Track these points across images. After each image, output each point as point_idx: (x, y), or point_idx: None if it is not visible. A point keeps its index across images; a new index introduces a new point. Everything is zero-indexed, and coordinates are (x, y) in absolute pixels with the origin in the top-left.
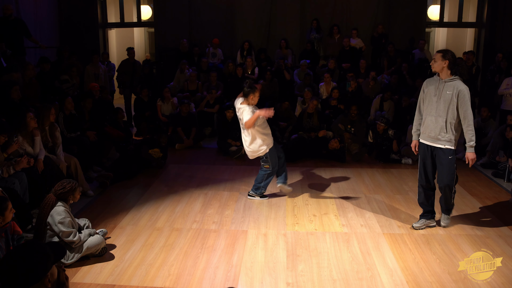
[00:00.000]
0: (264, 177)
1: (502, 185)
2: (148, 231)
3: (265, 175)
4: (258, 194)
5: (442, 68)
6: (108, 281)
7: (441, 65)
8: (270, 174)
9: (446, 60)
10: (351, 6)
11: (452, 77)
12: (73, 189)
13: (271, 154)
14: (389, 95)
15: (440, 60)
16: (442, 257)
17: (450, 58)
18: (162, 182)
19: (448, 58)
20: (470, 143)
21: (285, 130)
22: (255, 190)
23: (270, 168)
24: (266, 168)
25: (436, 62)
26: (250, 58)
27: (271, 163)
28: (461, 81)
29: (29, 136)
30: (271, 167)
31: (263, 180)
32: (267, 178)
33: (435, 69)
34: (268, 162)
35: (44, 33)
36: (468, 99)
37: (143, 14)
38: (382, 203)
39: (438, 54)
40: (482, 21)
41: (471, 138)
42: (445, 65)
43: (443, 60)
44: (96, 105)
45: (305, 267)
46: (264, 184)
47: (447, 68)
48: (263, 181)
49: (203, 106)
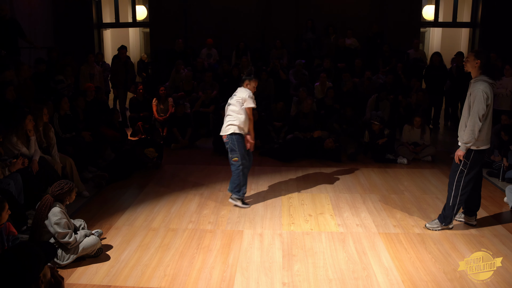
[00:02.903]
0: (238, 175)
1: (497, 184)
2: (144, 231)
3: (238, 172)
4: (240, 198)
5: (473, 68)
6: (104, 281)
7: (473, 65)
8: (243, 168)
9: (478, 60)
10: (346, 6)
11: (477, 77)
12: (70, 190)
13: (239, 142)
14: (384, 94)
15: (472, 60)
16: (438, 256)
17: (482, 58)
18: (158, 182)
19: (480, 58)
20: (463, 143)
21: (280, 130)
22: (237, 193)
23: (239, 161)
24: (235, 161)
25: (469, 62)
26: (246, 58)
27: (239, 153)
28: (483, 81)
29: (24, 136)
30: (239, 159)
31: (239, 178)
32: (242, 173)
33: (467, 69)
34: (236, 152)
35: (38, 33)
36: (478, 100)
37: (138, 14)
38: (378, 202)
39: (471, 54)
40: (476, 21)
41: (467, 140)
42: (477, 65)
43: (474, 60)
44: (91, 106)
45: (301, 267)
46: (242, 181)
47: (478, 68)
48: (239, 179)
49: (199, 106)
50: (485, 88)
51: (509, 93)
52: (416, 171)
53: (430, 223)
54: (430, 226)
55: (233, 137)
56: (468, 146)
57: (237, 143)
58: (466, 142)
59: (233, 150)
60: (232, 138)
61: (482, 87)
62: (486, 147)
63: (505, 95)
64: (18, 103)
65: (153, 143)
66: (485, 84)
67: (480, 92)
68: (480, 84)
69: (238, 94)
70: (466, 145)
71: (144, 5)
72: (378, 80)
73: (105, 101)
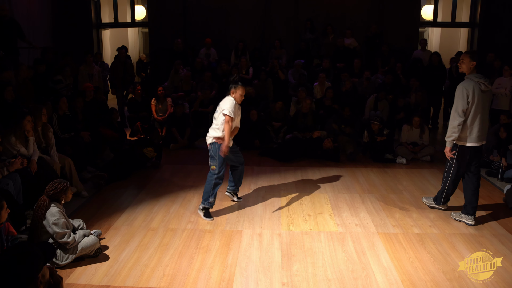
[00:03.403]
0: (211, 182)
1: (495, 184)
2: (143, 231)
3: (212, 179)
4: (206, 206)
5: (468, 70)
6: (103, 282)
7: (469, 66)
8: (218, 178)
9: (474, 62)
10: (345, 6)
11: (467, 76)
12: (64, 188)
13: (219, 151)
14: (383, 94)
15: (468, 62)
16: (437, 256)
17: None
18: (157, 182)
19: (475, 60)
20: (446, 138)
21: (279, 130)
22: (204, 201)
23: (216, 170)
24: (213, 169)
25: (464, 63)
26: (245, 58)
27: (217, 161)
28: (468, 79)
29: (23, 137)
30: (217, 168)
31: (211, 185)
32: (214, 186)
33: (462, 70)
34: (215, 160)
35: (37, 33)
36: (458, 96)
37: (137, 14)
38: (377, 202)
39: (466, 56)
40: (475, 21)
41: (448, 134)
42: (472, 67)
43: (470, 62)
44: (90, 106)
45: (300, 267)
46: (213, 188)
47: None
48: (211, 186)
49: (197, 106)
50: (467, 86)
51: (508, 93)
52: (415, 171)
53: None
54: (426, 200)
55: (215, 145)
56: (451, 141)
57: (218, 151)
58: (447, 136)
59: (212, 158)
60: (214, 146)
61: (464, 84)
62: (475, 144)
63: (504, 95)
64: (17, 104)
65: (152, 143)
66: (469, 82)
67: (461, 89)
68: (465, 82)
69: (221, 105)
70: (448, 139)
71: (143, 5)
72: (377, 80)
73: (104, 101)
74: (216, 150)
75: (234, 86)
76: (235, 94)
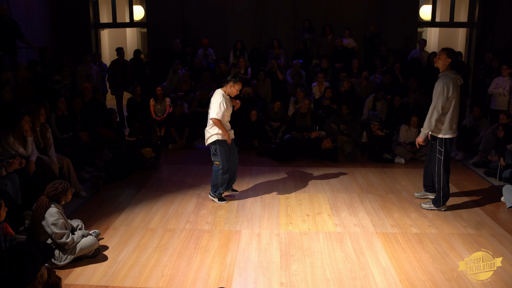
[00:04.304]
0: (218, 177)
1: (494, 184)
2: (142, 231)
3: (218, 174)
4: (217, 196)
5: (443, 66)
6: (102, 282)
7: (444, 63)
8: (224, 173)
9: (449, 59)
10: (343, 6)
11: (444, 72)
12: (65, 189)
13: (221, 149)
14: (382, 95)
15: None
16: (435, 256)
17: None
18: (155, 182)
19: (451, 57)
20: (422, 130)
21: (278, 130)
22: (214, 192)
23: (220, 166)
24: (217, 165)
25: (441, 59)
26: (243, 58)
27: (220, 159)
28: (447, 76)
29: (21, 137)
30: (221, 164)
31: (218, 180)
32: (222, 177)
33: (437, 65)
34: (218, 157)
35: (35, 33)
36: (439, 93)
37: (135, 14)
38: (375, 202)
39: (443, 52)
40: (473, 21)
41: (425, 127)
42: (447, 63)
43: (446, 59)
44: (89, 106)
45: (298, 267)
46: (220, 183)
47: (448, 65)
48: (218, 181)
49: (196, 106)
50: (447, 82)
51: (506, 93)
52: (414, 170)
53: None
54: (425, 205)
55: (216, 144)
56: (426, 133)
57: (219, 149)
58: (424, 128)
59: (214, 155)
60: (214, 144)
61: (444, 81)
62: (454, 136)
63: (502, 94)
64: (15, 104)
65: (150, 143)
66: (448, 78)
67: (441, 85)
68: (444, 78)
69: (211, 105)
70: (424, 131)
71: (142, 5)
72: (376, 80)
73: (102, 101)
74: (217, 148)
75: (233, 80)
76: (232, 88)
